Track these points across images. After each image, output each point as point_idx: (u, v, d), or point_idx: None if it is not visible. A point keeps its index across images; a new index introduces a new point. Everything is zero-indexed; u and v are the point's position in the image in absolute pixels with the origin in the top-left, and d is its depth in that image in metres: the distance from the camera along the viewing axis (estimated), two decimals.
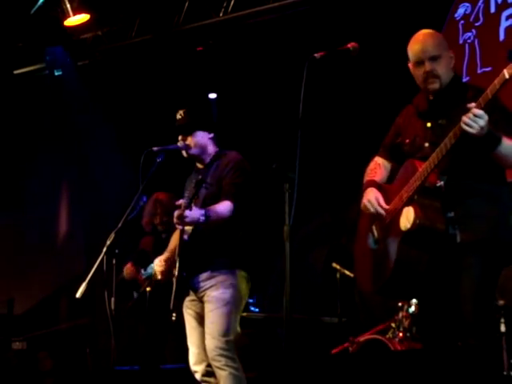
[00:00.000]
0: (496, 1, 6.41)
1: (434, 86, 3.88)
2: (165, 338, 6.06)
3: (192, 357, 4.68)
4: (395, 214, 3.85)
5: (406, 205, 3.79)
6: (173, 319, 4.61)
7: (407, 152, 3.99)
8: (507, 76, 3.46)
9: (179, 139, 4.77)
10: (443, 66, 3.88)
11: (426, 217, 3.70)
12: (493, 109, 3.60)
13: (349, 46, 3.91)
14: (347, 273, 5.99)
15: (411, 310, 5.33)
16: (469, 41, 6.52)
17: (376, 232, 4.00)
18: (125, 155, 7.79)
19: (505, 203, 3.82)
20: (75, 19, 7.44)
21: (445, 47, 3.93)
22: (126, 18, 7.88)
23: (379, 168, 4.16)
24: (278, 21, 7.19)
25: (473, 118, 3.53)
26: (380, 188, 4.04)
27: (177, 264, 4.50)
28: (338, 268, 6.07)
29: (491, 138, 3.61)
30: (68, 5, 7.30)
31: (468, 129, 3.55)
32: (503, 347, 4.59)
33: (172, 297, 4.45)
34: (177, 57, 7.86)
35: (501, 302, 4.84)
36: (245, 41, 7.54)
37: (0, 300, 8.00)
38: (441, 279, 3.78)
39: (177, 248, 4.58)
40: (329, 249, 7.11)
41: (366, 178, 4.14)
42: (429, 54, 3.86)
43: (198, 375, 4.66)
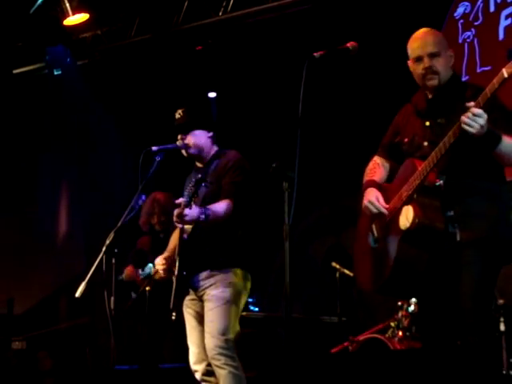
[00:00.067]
0: (495, 0, 6.41)
1: (433, 83, 3.88)
2: (164, 338, 6.06)
3: (192, 356, 4.67)
4: (395, 213, 3.85)
5: (406, 204, 3.78)
6: (173, 318, 4.61)
7: (406, 151, 3.98)
8: (506, 75, 3.45)
9: (178, 138, 4.77)
10: (442, 64, 3.88)
11: (426, 216, 3.70)
12: (492, 108, 3.59)
13: (348, 45, 3.90)
14: (347, 272, 5.99)
15: (411, 309, 5.35)
16: (468, 40, 6.52)
17: (376, 231, 3.99)
18: (125, 155, 7.79)
19: (504, 201, 3.81)
20: (75, 18, 7.45)
21: (444, 45, 3.93)
22: (126, 18, 7.88)
23: (378, 168, 4.16)
24: (278, 20, 7.20)
25: (472, 118, 3.53)
26: (380, 187, 4.04)
27: (177, 263, 4.50)
28: (338, 267, 6.08)
29: (491, 137, 3.61)
30: (67, 4, 7.31)
31: (468, 128, 3.54)
32: (503, 346, 4.60)
33: (172, 296, 4.45)
34: (176, 56, 7.86)
35: (500, 302, 4.86)
36: (244, 40, 7.54)
37: (0, 300, 7.99)
38: (440, 278, 3.78)
39: (176, 247, 4.58)
40: (328, 247, 7.12)
41: (366, 178, 4.13)
42: (428, 51, 3.86)
43: (199, 374, 4.65)
